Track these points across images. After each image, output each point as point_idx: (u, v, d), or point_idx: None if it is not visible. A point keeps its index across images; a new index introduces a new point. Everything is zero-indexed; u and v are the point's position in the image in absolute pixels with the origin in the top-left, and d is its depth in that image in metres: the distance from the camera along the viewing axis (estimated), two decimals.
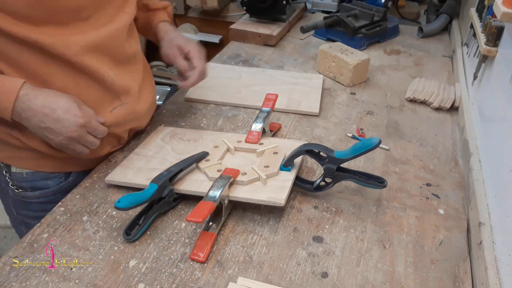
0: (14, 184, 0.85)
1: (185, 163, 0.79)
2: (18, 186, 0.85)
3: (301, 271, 0.67)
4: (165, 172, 0.75)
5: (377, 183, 0.76)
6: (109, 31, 0.76)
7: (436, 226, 0.76)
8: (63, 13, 0.69)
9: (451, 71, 1.32)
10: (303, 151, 0.78)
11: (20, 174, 0.83)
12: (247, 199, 0.74)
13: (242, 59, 1.37)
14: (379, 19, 1.48)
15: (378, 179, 0.77)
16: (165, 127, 0.98)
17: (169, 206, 0.77)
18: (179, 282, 0.64)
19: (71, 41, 0.70)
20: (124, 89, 0.82)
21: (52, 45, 0.69)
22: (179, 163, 0.79)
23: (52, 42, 0.68)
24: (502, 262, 0.63)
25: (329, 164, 0.76)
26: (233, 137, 0.91)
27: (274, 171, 0.78)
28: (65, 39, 0.70)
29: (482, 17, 1.08)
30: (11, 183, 0.84)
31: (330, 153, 0.75)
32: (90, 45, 0.73)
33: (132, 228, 0.71)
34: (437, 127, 1.04)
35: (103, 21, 0.75)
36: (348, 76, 1.19)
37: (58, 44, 0.69)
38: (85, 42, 0.72)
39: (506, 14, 0.77)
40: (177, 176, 0.77)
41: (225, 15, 2.24)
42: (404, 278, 0.66)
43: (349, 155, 0.74)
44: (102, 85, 0.78)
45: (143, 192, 0.71)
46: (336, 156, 0.75)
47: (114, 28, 0.77)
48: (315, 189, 0.80)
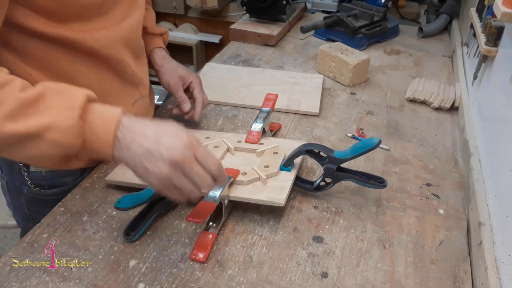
0: (33, 183, 0.84)
1: None
2: (36, 184, 0.85)
3: (301, 271, 0.67)
4: None
5: (377, 183, 0.76)
6: (129, 25, 0.78)
7: (436, 226, 0.76)
8: (88, 9, 0.70)
9: (451, 71, 1.32)
10: (303, 151, 0.78)
11: (39, 173, 0.83)
12: (247, 199, 0.74)
13: (242, 59, 1.37)
14: (379, 19, 1.48)
15: (378, 179, 0.77)
16: None
17: (169, 206, 0.77)
18: (179, 282, 0.64)
19: (99, 35, 0.72)
20: (141, 81, 0.86)
21: (83, 40, 0.70)
22: None
23: (83, 38, 0.70)
24: (502, 262, 0.63)
25: (329, 164, 0.76)
26: (233, 137, 0.91)
27: (274, 171, 0.78)
28: (94, 34, 0.71)
29: (482, 17, 1.08)
30: (29, 182, 0.84)
31: (330, 153, 0.75)
32: (115, 38, 0.75)
33: (132, 228, 0.71)
34: (437, 127, 1.04)
35: (120, 16, 0.77)
36: (348, 76, 1.19)
37: (88, 39, 0.70)
38: (111, 36, 0.74)
39: (506, 14, 0.77)
40: None
41: (225, 15, 2.24)
42: (404, 278, 0.66)
43: (349, 155, 0.74)
44: (123, 78, 0.81)
45: (143, 192, 0.71)
46: (336, 156, 0.75)
47: (132, 22, 0.79)
48: (315, 189, 0.80)
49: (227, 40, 1.53)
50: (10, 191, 0.90)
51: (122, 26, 0.77)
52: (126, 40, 0.78)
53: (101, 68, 0.76)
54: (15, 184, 0.87)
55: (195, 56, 2.40)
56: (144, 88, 0.88)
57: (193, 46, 2.36)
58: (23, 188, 0.86)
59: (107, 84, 0.78)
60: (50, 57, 0.70)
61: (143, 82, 0.87)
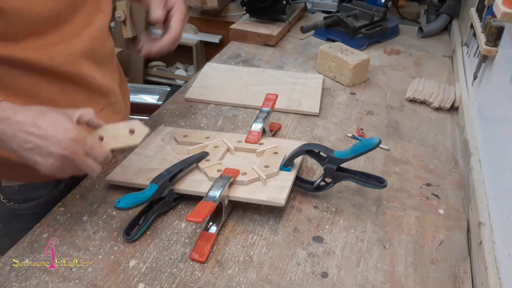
0: (6, 198, 0.81)
1: (185, 163, 0.79)
2: (9, 199, 0.82)
3: (301, 271, 0.67)
4: (165, 172, 0.75)
5: (377, 183, 0.76)
6: (89, 35, 0.73)
7: (436, 226, 0.76)
8: (41, 23, 0.65)
9: (451, 71, 1.32)
10: (303, 151, 0.78)
11: (11, 187, 0.81)
12: (247, 199, 0.74)
13: (242, 59, 1.37)
14: (379, 19, 1.48)
15: (378, 179, 0.77)
16: (165, 127, 0.98)
17: (169, 206, 0.77)
18: (179, 282, 0.64)
19: (55, 52, 0.68)
20: (108, 89, 0.80)
21: (37, 59, 0.66)
22: (178, 163, 0.79)
23: (37, 57, 0.65)
24: (502, 262, 0.63)
25: (329, 164, 0.76)
26: (233, 137, 0.91)
27: (274, 171, 0.78)
28: (49, 52, 0.67)
29: (482, 17, 1.08)
30: (2, 197, 0.81)
31: (330, 153, 0.75)
32: (74, 53, 0.70)
33: (132, 228, 0.71)
34: (437, 127, 1.04)
35: (80, 25, 0.71)
36: (348, 76, 1.19)
37: (43, 57, 0.66)
38: (69, 51, 0.69)
39: (506, 14, 0.77)
40: (177, 176, 0.77)
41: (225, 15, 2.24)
42: (404, 278, 0.66)
43: (349, 155, 0.74)
44: (88, 89, 0.76)
45: (143, 192, 0.71)
46: (336, 156, 0.75)
47: (94, 31, 0.74)
48: (315, 189, 0.80)
49: (227, 40, 1.53)
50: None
51: (81, 37, 0.71)
52: (86, 52, 0.72)
53: (63, 82, 0.71)
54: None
55: (195, 56, 2.40)
56: (112, 95, 0.82)
57: (193, 46, 2.36)
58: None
59: (71, 95, 0.74)
60: (6, 77, 0.66)
61: (111, 90, 0.81)
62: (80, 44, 0.71)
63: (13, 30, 0.63)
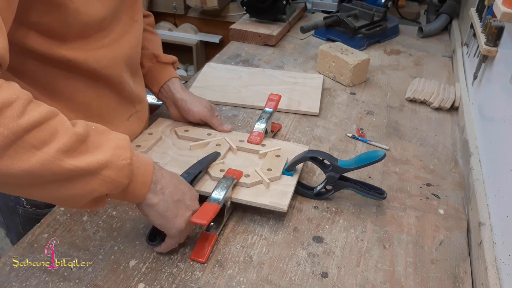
0: (29, 203, 0.82)
1: (203, 165, 0.77)
2: (32, 204, 0.83)
3: (301, 271, 0.67)
4: (185, 175, 0.73)
5: (377, 194, 0.77)
6: (128, 42, 0.76)
7: (436, 226, 0.76)
8: (91, 26, 0.67)
9: (451, 71, 1.32)
10: (307, 157, 0.77)
11: None
12: (250, 202, 0.74)
13: (242, 59, 1.37)
14: (379, 19, 1.48)
15: (378, 191, 0.77)
16: (164, 119, 0.97)
17: None
18: (179, 282, 0.64)
19: (100, 55, 0.70)
20: (139, 97, 0.84)
21: (84, 61, 0.67)
22: (196, 164, 0.77)
23: (84, 59, 0.67)
24: (502, 262, 0.63)
25: (332, 172, 0.76)
26: (235, 135, 0.91)
27: (277, 175, 0.78)
28: (95, 54, 0.69)
29: (482, 17, 1.08)
30: (25, 203, 0.82)
31: (334, 162, 0.75)
32: (117, 57, 0.74)
33: (155, 233, 0.68)
34: (437, 127, 1.04)
35: (120, 32, 0.74)
36: (348, 76, 1.19)
37: (90, 60, 0.68)
38: (113, 55, 0.73)
39: (506, 14, 0.77)
40: (197, 178, 0.75)
41: (225, 15, 2.24)
42: (404, 278, 0.66)
43: (353, 165, 0.74)
44: (121, 95, 0.79)
45: None
46: (339, 165, 0.75)
47: (132, 38, 0.77)
48: (315, 195, 0.80)
49: (227, 40, 1.53)
50: (3, 211, 0.87)
51: (122, 43, 0.75)
52: (126, 58, 0.76)
53: (100, 87, 0.74)
54: (9, 205, 0.84)
55: (195, 56, 2.40)
56: (140, 104, 0.86)
57: (193, 46, 2.36)
58: (18, 209, 0.84)
59: (104, 101, 0.76)
60: (47, 77, 0.67)
61: (140, 98, 0.86)
62: (122, 49, 0.75)
63: (68, 30, 0.64)
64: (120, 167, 0.53)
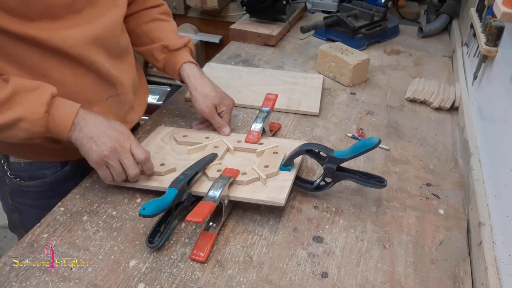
0: (13, 174, 0.86)
1: (199, 166, 0.77)
2: (16, 175, 0.86)
3: (301, 271, 0.67)
4: (181, 176, 0.74)
5: (377, 182, 0.76)
6: (102, 24, 0.77)
7: (436, 226, 0.76)
8: (57, 7, 0.70)
9: (451, 71, 1.32)
10: (303, 150, 0.78)
11: (18, 164, 0.85)
12: (247, 199, 0.74)
13: (242, 59, 1.37)
14: (379, 19, 1.48)
15: (378, 179, 0.77)
16: (164, 127, 0.98)
17: (187, 211, 0.73)
18: (179, 282, 0.64)
19: (66, 34, 0.72)
20: (119, 80, 0.83)
21: (48, 39, 0.70)
22: (193, 165, 0.77)
23: (48, 37, 0.70)
24: (502, 262, 0.63)
25: (329, 163, 0.76)
26: (233, 137, 0.91)
27: (274, 171, 0.78)
28: (60, 33, 0.71)
29: (482, 17, 1.08)
30: (9, 173, 0.86)
31: (330, 153, 0.75)
32: (85, 38, 0.74)
33: (154, 235, 0.69)
34: (437, 127, 1.04)
35: (95, 14, 0.76)
36: (348, 76, 1.19)
37: (53, 38, 0.70)
38: (80, 35, 0.74)
39: (506, 14, 0.77)
40: (194, 179, 0.76)
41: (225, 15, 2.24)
42: (404, 278, 0.66)
43: (349, 154, 0.74)
44: (98, 76, 0.80)
45: (163, 197, 0.69)
46: (336, 156, 0.75)
47: (107, 21, 0.78)
48: (315, 189, 0.80)
49: (227, 40, 1.53)
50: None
51: (94, 25, 0.76)
52: (97, 39, 0.76)
53: (73, 65, 0.76)
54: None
55: (195, 56, 2.40)
56: (122, 87, 0.85)
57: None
58: (5, 178, 0.88)
59: (81, 79, 0.78)
60: (21, 54, 0.71)
61: (121, 82, 0.84)
62: (92, 30, 0.75)
63: (29, 10, 0.67)
64: (34, 120, 0.68)
